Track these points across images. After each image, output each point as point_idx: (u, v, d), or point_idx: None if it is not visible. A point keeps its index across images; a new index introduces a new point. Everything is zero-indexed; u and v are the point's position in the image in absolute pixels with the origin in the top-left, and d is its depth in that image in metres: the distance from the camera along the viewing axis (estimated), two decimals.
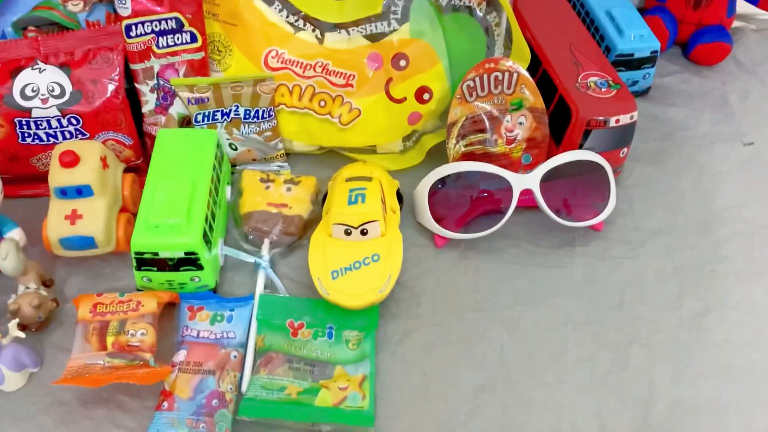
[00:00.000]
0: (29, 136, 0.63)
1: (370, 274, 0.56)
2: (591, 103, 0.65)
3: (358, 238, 0.58)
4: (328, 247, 0.58)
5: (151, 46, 0.63)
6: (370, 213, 0.58)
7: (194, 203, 0.57)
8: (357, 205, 0.59)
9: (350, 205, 0.59)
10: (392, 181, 0.66)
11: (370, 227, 0.58)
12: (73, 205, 0.58)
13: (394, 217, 0.62)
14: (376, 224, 0.58)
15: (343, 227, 0.58)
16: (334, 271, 0.56)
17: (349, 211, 0.59)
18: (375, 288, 0.56)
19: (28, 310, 0.55)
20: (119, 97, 0.63)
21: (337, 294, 0.55)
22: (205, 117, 0.65)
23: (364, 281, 0.56)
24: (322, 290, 0.56)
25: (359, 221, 0.58)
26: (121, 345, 0.53)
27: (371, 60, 0.66)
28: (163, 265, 0.56)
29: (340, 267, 0.57)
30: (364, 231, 0.58)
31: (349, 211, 0.59)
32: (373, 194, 0.60)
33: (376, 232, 0.58)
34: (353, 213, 0.58)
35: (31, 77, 0.62)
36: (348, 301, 0.55)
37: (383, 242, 0.58)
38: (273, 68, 0.65)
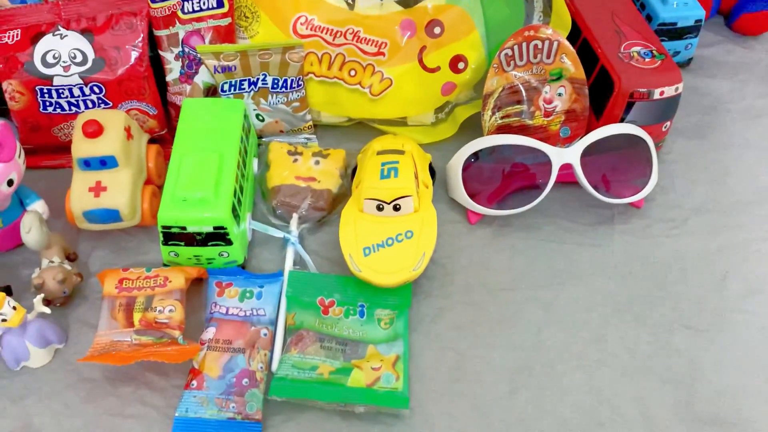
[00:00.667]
0: (51, 105, 0.61)
1: (404, 252, 0.54)
2: (634, 73, 0.62)
3: (391, 213, 0.56)
4: (360, 223, 0.56)
5: (176, 11, 0.60)
6: (404, 188, 0.56)
7: (222, 176, 0.55)
8: (389, 179, 0.57)
9: (382, 180, 0.57)
10: (424, 154, 0.63)
11: (403, 203, 0.56)
12: (97, 176, 0.57)
13: (427, 192, 0.59)
14: (410, 200, 0.56)
15: (375, 202, 0.56)
16: (366, 248, 0.55)
17: (381, 186, 0.56)
18: (408, 266, 0.54)
19: (53, 285, 0.53)
20: (143, 65, 0.61)
21: (370, 271, 0.54)
22: (231, 86, 0.62)
23: (397, 258, 0.54)
24: (353, 267, 0.54)
25: (392, 196, 0.56)
26: (148, 322, 0.52)
27: (404, 27, 0.63)
28: (191, 240, 0.54)
29: (372, 243, 0.55)
30: (397, 206, 0.56)
31: (381, 186, 0.56)
32: (406, 168, 0.57)
33: (410, 208, 0.56)
34: (386, 187, 0.56)
35: (53, 43, 0.60)
36: (380, 278, 0.53)
37: (416, 218, 0.56)
38: (302, 35, 0.63)
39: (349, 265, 0.54)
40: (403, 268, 0.54)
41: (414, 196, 0.56)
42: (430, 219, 0.56)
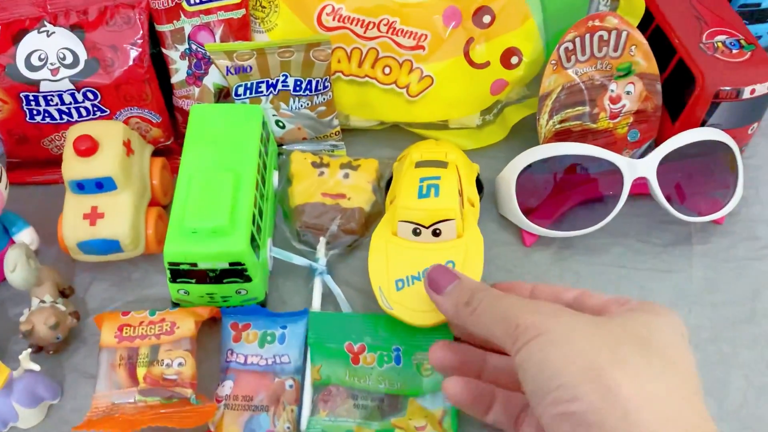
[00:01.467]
0: (38, 113, 0.53)
1: None
2: (720, 68, 0.52)
3: (429, 239, 0.48)
4: (392, 249, 0.48)
5: (181, 2, 0.52)
6: (445, 210, 0.47)
7: (239, 199, 0.47)
8: (429, 198, 0.48)
9: (421, 199, 0.48)
10: (471, 164, 0.55)
11: (444, 227, 0.48)
12: (92, 201, 0.48)
13: (473, 211, 0.51)
14: (452, 224, 0.48)
15: (411, 226, 0.48)
16: (398, 280, 0.46)
17: (418, 206, 0.48)
18: None
19: (44, 331, 0.46)
20: (144, 66, 0.52)
21: (402, 309, 0.45)
22: (247, 89, 0.54)
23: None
24: (384, 303, 0.46)
25: (431, 219, 0.48)
26: (154, 378, 0.44)
27: (448, 16, 0.53)
28: (203, 277, 0.46)
29: (406, 275, 0.46)
30: (437, 231, 0.48)
31: (418, 206, 0.48)
32: (449, 184, 0.49)
33: (452, 233, 0.48)
34: (424, 209, 0.47)
35: (38, 42, 0.51)
36: (415, 318, 0.45)
37: (460, 245, 0.48)
38: (328, 28, 0.54)
39: (379, 301, 0.46)
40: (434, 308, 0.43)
41: (457, 219, 0.47)
42: (476, 246, 0.48)
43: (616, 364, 0.31)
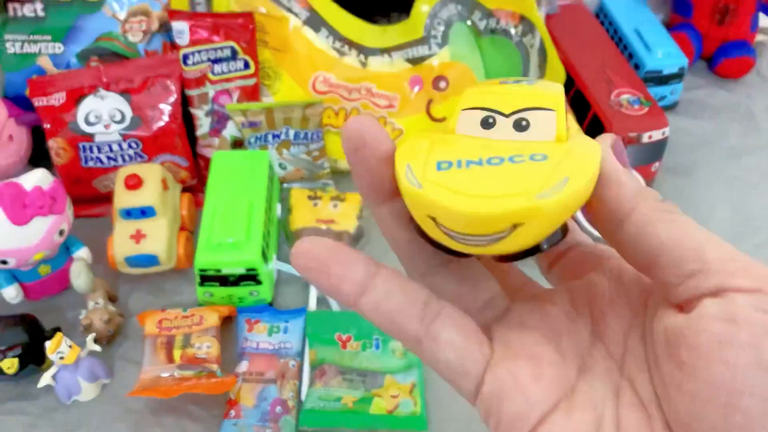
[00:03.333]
0: (92, 159, 0.67)
1: (524, 170, 0.22)
2: (625, 119, 0.68)
3: (510, 133, 0.24)
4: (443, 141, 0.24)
5: (207, 73, 0.67)
6: (542, 96, 0.25)
7: (252, 222, 0.60)
8: (515, 85, 0.26)
9: (503, 84, 0.26)
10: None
11: (535, 117, 0.24)
12: (137, 225, 0.62)
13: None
14: (550, 116, 0.24)
15: (481, 114, 0.25)
16: (443, 162, 0.23)
17: (498, 90, 0.26)
18: (530, 189, 0.20)
19: (100, 325, 0.59)
20: (177, 122, 0.66)
21: (440, 189, 0.21)
22: (257, 139, 0.68)
23: (507, 177, 0.21)
24: (409, 181, 0.22)
25: (516, 104, 0.25)
26: (189, 357, 0.56)
27: (413, 82, 0.69)
28: (224, 281, 0.60)
29: (459, 159, 0.23)
30: (523, 122, 0.25)
31: (498, 90, 0.26)
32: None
33: (547, 131, 0.24)
34: (506, 92, 0.25)
35: (94, 104, 0.66)
36: (463, 202, 0.20)
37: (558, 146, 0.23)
38: (320, 92, 0.69)
39: (401, 181, 0.22)
40: (516, 192, 0.21)
41: (560, 114, 0.24)
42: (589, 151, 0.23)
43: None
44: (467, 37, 0.68)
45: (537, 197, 0.20)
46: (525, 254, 0.22)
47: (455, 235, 0.21)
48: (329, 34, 0.68)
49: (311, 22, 0.68)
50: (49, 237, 0.58)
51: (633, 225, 0.21)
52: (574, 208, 0.21)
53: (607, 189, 0.21)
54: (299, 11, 0.68)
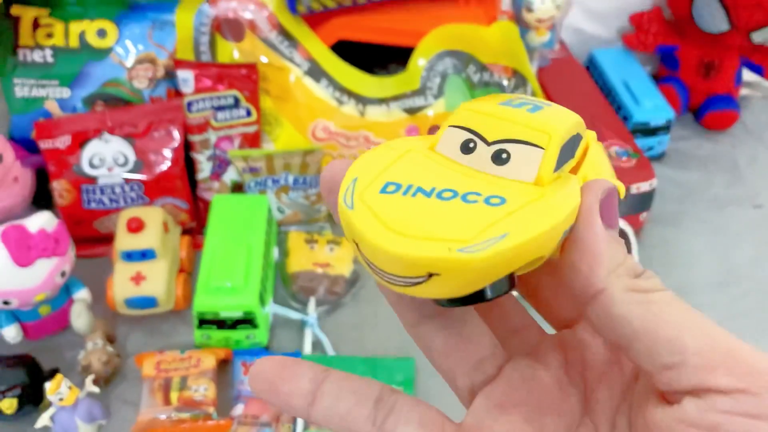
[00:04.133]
0: (94, 201, 0.68)
1: (467, 214, 0.19)
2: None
3: (485, 164, 0.22)
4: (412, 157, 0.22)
5: (210, 119, 0.69)
6: (534, 128, 0.21)
7: (250, 266, 0.62)
8: (513, 109, 0.22)
9: (501, 106, 0.22)
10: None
11: (518, 151, 0.21)
12: (137, 267, 0.63)
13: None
14: (534, 153, 0.21)
15: (463, 134, 0.22)
16: (392, 183, 0.21)
17: (492, 111, 0.22)
18: (459, 237, 0.18)
19: (98, 366, 0.59)
20: (178, 166, 0.68)
21: (368, 217, 0.20)
22: (257, 184, 0.70)
23: (444, 218, 0.19)
24: (344, 200, 0.21)
25: (502, 132, 0.22)
26: (186, 400, 0.57)
27: (409, 131, 0.71)
28: (222, 324, 0.61)
29: (410, 184, 0.21)
30: (503, 154, 0.22)
31: (492, 111, 0.22)
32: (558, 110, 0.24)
33: (527, 168, 0.21)
34: (498, 116, 0.22)
35: (98, 147, 0.68)
36: (382, 237, 0.19)
37: (531, 190, 0.20)
38: (320, 139, 0.71)
39: (340, 197, 0.21)
40: (440, 238, 0.19)
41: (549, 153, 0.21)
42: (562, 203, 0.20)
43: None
44: (462, 89, 0.71)
45: (458, 250, 0.18)
46: (466, 301, 0.20)
47: (375, 267, 0.19)
48: (329, 84, 0.71)
49: (312, 73, 0.70)
50: (52, 278, 0.59)
51: (602, 307, 0.19)
52: (511, 265, 0.19)
53: (579, 258, 0.19)
54: (300, 62, 0.70)
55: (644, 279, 0.19)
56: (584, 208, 0.20)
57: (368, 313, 0.67)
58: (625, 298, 0.19)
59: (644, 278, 0.19)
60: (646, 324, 0.18)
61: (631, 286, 0.19)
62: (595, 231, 0.19)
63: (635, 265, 0.20)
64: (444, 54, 0.71)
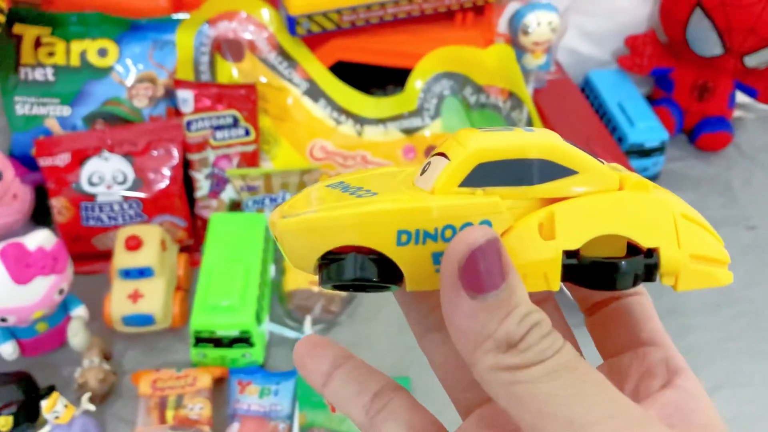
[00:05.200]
0: (93, 219, 0.69)
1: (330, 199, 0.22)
2: None
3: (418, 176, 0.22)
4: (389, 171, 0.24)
5: (209, 138, 0.69)
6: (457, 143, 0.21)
7: (247, 285, 0.62)
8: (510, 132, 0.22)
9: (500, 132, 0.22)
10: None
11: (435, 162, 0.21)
12: (134, 285, 0.64)
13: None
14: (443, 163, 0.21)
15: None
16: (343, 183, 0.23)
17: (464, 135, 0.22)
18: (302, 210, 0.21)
19: (94, 384, 0.60)
20: (177, 185, 0.69)
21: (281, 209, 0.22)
22: (255, 203, 0.71)
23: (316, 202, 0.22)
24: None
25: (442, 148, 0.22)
26: (181, 418, 0.58)
27: (406, 151, 0.72)
28: (218, 343, 0.61)
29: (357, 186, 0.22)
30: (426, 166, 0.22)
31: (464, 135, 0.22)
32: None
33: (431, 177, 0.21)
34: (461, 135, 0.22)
35: (98, 166, 0.68)
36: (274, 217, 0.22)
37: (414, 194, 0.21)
38: (317, 158, 0.72)
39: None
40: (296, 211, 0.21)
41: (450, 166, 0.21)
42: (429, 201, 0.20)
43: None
44: (458, 110, 0.72)
45: (283, 217, 0.21)
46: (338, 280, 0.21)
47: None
48: (327, 104, 0.71)
49: (311, 93, 0.71)
50: (50, 296, 0.59)
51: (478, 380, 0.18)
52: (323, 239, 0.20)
53: (449, 330, 0.18)
54: (299, 82, 0.71)
55: (516, 353, 0.17)
56: (442, 275, 0.18)
57: (364, 332, 0.68)
58: (490, 378, 0.18)
59: (517, 351, 0.17)
60: (510, 406, 0.18)
61: (497, 363, 0.18)
62: (453, 305, 0.18)
63: (510, 333, 0.18)
64: (441, 76, 0.72)
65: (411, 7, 0.70)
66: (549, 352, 0.17)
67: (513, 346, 0.17)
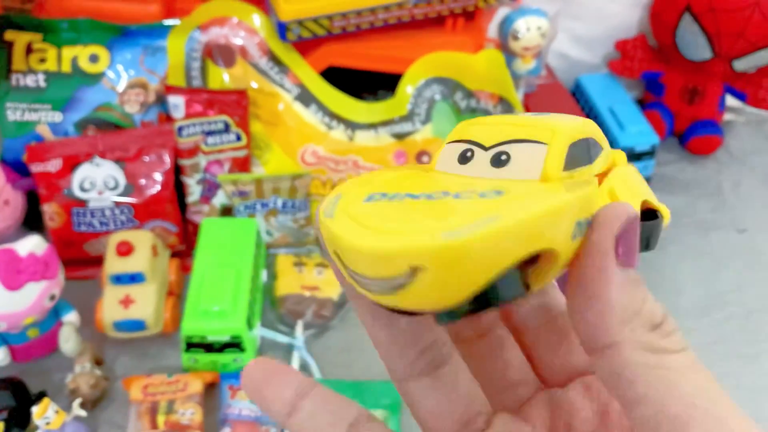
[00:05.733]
0: (84, 224, 0.69)
1: (458, 207, 0.17)
2: None
3: (485, 169, 0.20)
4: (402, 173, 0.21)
5: (200, 144, 0.70)
6: (536, 128, 0.20)
7: (238, 289, 0.62)
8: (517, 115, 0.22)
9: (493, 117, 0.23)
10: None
11: (519, 151, 0.20)
12: (126, 290, 0.64)
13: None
14: (538, 149, 0.19)
15: (461, 147, 0.21)
16: (377, 194, 0.19)
17: (491, 121, 0.21)
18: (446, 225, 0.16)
19: (86, 389, 0.60)
20: (168, 190, 0.69)
21: (349, 222, 0.17)
22: (246, 207, 0.71)
23: (432, 212, 0.17)
24: (325, 211, 0.19)
25: (501, 136, 0.20)
26: (172, 424, 0.58)
27: (397, 156, 0.72)
28: (210, 348, 0.61)
29: (398, 192, 0.19)
30: (502, 156, 0.20)
31: (491, 121, 0.21)
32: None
33: (532, 165, 0.19)
34: (498, 123, 0.21)
35: (89, 171, 0.68)
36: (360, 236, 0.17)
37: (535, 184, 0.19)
38: (309, 163, 0.72)
39: (320, 211, 0.19)
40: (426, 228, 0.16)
41: (555, 148, 0.19)
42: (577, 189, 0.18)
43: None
44: (449, 115, 0.72)
45: (442, 234, 0.16)
46: (470, 310, 0.17)
47: (356, 276, 0.17)
48: (319, 109, 0.72)
49: (302, 98, 0.72)
50: (41, 302, 0.59)
51: (609, 364, 0.17)
52: (509, 254, 0.16)
53: (585, 304, 0.17)
54: (291, 87, 0.71)
55: (663, 334, 0.17)
56: (595, 243, 0.17)
57: (356, 336, 0.68)
58: (637, 358, 0.16)
59: (663, 333, 0.17)
60: (655, 393, 0.16)
61: (647, 344, 0.17)
62: (607, 274, 0.17)
63: (654, 312, 0.17)
64: (431, 81, 0.72)
65: (401, 12, 0.70)
66: (685, 342, 0.17)
67: (657, 326, 0.17)
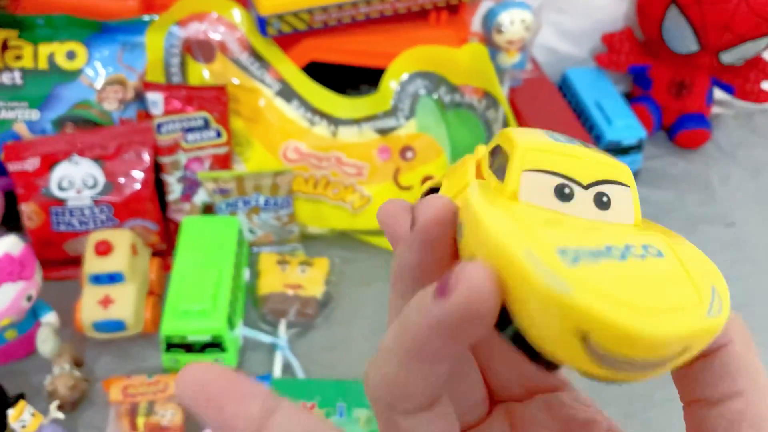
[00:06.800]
0: (63, 224, 0.68)
1: (663, 276, 0.17)
2: None
3: (592, 211, 0.20)
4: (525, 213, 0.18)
5: (180, 141, 0.69)
6: (613, 167, 0.20)
7: (219, 289, 0.62)
8: (580, 148, 0.21)
9: (563, 144, 0.20)
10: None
11: (613, 192, 0.20)
12: (105, 290, 0.63)
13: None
14: (627, 193, 0.21)
15: (554, 180, 0.19)
16: (563, 250, 0.16)
17: (565, 151, 0.20)
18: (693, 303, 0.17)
19: (64, 391, 0.59)
20: (148, 188, 0.68)
21: (597, 296, 0.15)
22: (228, 205, 0.70)
23: (655, 281, 0.17)
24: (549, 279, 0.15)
25: (593, 174, 0.20)
26: (152, 426, 0.57)
27: (381, 152, 0.71)
28: (190, 348, 0.60)
29: (581, 246, 0.17)
30: (604, 198, 0.20)
31: (565, 151, 0.20)
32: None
33: (626, 210, 0.20)
34: (577, 155, 0.20)
35: (68, 170, 0.67)
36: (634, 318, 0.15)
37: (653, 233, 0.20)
38: (291, 160, 0.71)
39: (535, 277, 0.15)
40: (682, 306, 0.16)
41: (635, 195, 0.21)
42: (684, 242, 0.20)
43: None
44: (433, 110, 0.71)
45: (708, 315, 0.16)
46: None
47: (608, 357, 0.15)
48: (301, 105, 0.71)
49: (283, 94, 0.71)
50: (17, 303, 0.58)
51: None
52: None
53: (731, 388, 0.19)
54: (272, 83, 0.70)
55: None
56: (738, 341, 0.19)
57: (340, 335, 0.67)
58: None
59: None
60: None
61: None
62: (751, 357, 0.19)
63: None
64: (415, 75, 0.71)
65: (384, 6, 0.69)
66: None
67: None
